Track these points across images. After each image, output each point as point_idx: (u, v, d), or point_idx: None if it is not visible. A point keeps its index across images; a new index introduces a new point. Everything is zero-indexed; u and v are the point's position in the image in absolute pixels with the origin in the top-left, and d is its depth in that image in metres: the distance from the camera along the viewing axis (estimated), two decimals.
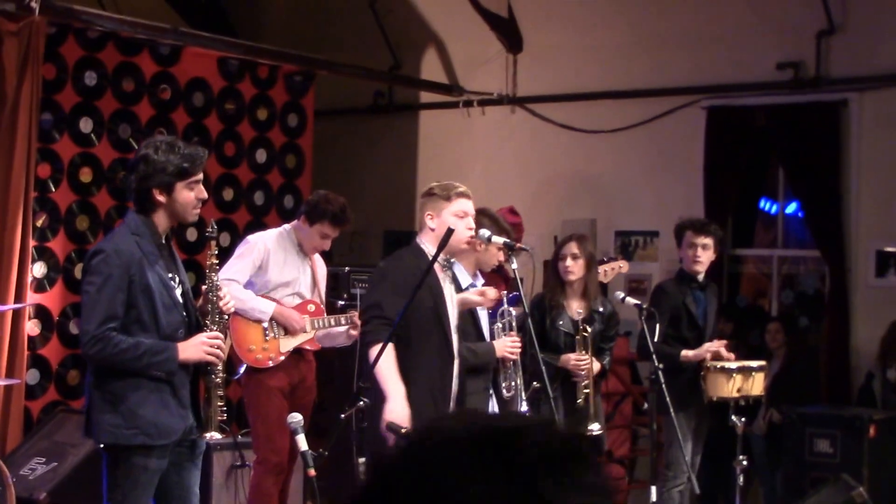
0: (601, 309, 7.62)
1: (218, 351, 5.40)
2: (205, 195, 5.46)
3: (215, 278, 5.50)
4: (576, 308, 7.55)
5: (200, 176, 5.43)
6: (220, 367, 5.46)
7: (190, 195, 5.38)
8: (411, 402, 5.94)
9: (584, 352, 7.37)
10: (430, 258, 5.96)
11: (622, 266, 8.11)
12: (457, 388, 6.22)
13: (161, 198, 5.35)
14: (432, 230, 6.17)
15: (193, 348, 5.36)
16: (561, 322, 7.52)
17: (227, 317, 5.58)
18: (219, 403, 5.47)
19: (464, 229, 6.14)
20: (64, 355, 9.87)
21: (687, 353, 8.13)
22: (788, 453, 9.56)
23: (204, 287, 5.49)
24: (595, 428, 7.31)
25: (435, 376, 6.10)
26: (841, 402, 10.13)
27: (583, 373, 7.35)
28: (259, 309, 7.52)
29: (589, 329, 7.40)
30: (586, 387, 7.35)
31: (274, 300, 7.60)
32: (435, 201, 6.24)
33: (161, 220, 5.39)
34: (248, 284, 7.56)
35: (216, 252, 5.53)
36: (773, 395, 9.87)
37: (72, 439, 8.89)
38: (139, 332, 5.30)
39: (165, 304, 5.36)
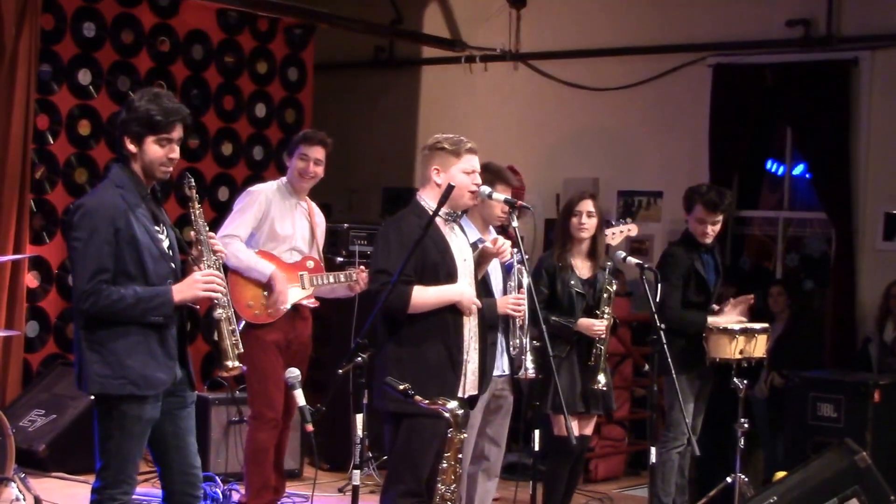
0: (608, 265, 7.76)
1: (215, 286, 5.52)
2: (176, 155, 5.59)
3: (201, 222, 5.62)
4: (582, 267, 7.72)
5: (174, 135, 5.54)
6: (224, 301, 5.56)
7: (159, 151, 5.50)
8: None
9: (606, 308, 7.59)
10: (431, 214, 5.97)
11: (631, 229, 8.15)
12: (476, 341, 6.24)
13: (132, 147, 5.50)
14: (438, 185, 6.07)
15: (188, 287, 5.50)
16: (573, 282, 7.72)
17: (219, 256, 5.63)
18: (233, 338, 5.57)
19: (469, 186, 6.11)
20: (63, 308, 10.25)
21: (717, 319, 8.35)
22: (791, 417, 9.75)
23: (193, 232, 5.62)
24: (601, 381, 7.50)
25: (449, 331, 6.10)
26: (845, 366, 10.34)
27: (600, 335, 7.57)
28: (258, 270, 7.70)
29: (613, 286, 7.62)
30: (601, 342, 7.59)
31: (273, 257, 7.78)
32: (443, 156, 6.11)
33: (139, 170, 5.53)
34: (249, 237, 7.76)
35: (197, 197, 5.63)
36: (775, 359, 10.05)
37: (71, 392, 9.20)
38: (127, 283, 5.42)
39: (153, 255, 5.49)
